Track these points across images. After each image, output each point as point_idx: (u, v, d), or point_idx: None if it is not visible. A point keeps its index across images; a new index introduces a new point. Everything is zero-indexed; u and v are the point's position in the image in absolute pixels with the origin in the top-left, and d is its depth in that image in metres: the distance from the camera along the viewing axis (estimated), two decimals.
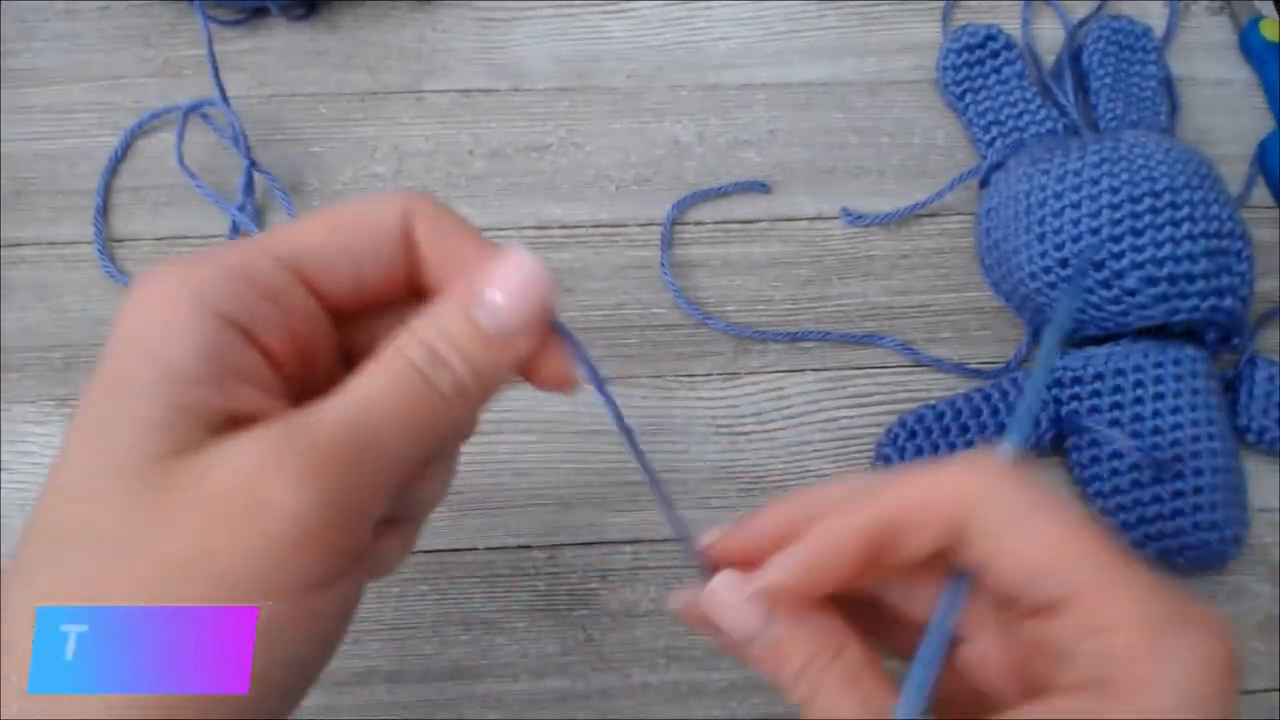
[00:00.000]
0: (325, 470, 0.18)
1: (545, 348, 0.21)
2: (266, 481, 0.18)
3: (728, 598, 0.21)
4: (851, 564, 0.20)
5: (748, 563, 0.22)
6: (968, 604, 0.21)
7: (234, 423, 0.18)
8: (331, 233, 0.20)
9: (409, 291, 0.22)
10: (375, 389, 0.19)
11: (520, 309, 0.20)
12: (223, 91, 0.38)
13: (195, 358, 0.18)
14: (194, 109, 0.39)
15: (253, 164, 0.38)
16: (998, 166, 0.40)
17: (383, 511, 0.20)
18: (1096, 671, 0.19)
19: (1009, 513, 0.20)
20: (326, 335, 0.21)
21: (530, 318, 0.20)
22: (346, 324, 0.22)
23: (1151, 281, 0.34)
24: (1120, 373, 0.36)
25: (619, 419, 0.22)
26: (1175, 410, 0.35)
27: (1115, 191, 0.35)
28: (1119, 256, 0.34)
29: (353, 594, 0.21)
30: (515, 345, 0.20)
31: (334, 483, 0.18)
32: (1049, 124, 0.40)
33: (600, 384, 0.22)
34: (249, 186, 0.38)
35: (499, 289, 0.20)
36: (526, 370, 0.21)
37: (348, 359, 0.22)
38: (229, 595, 0.17)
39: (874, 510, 0.20)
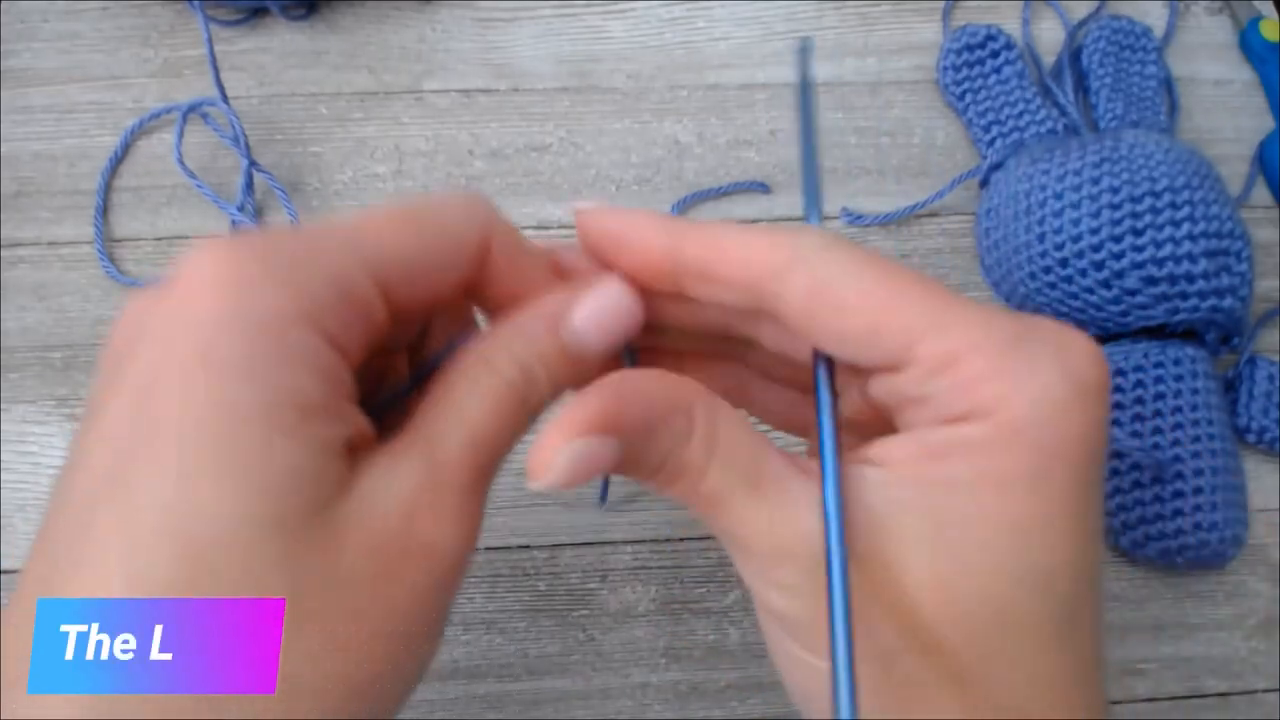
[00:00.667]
0: (468, 509, 0.18)
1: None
2: (423, 524, 0.18)
3: (587, 454, 0.19)
4: (650, 270, 0.20)
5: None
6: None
7: (349, 449, 0.18)
8: (416, 237, 0.19)
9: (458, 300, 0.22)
10: (482, 412, 0.19)
11: (606, 338, 0.20)
12: (223, 91, 0.37)
13: (323, 388, 0.17)
14: (194, 109, 0.39)
15: (252, 164, 0.38)
16: (998, 166, 0.40)
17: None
18: (950, 407, 0.18)
19: (837, 270, 0.19)
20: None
21: (613, 347, 0.20)
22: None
23: (1151, 281, 0.34)
24: (1120, 373, 0.36)
25: None
26: (1175, 410, 0.35)
27: (1115, 191, 0.35)
28: (1119, 256, 0.34)
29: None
30: (592, 369, 0.20)
31: (477, 520, 0.19)
32: (1049, 124, 0.40)
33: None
34: (249, 186, 0.38)
35: (589, 315, 0.20)
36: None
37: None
38: (401, 635, 0.18)
39: (684, 237, 0.20)
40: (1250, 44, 0.44)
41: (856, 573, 0.18)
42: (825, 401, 0.20)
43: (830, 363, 0.20)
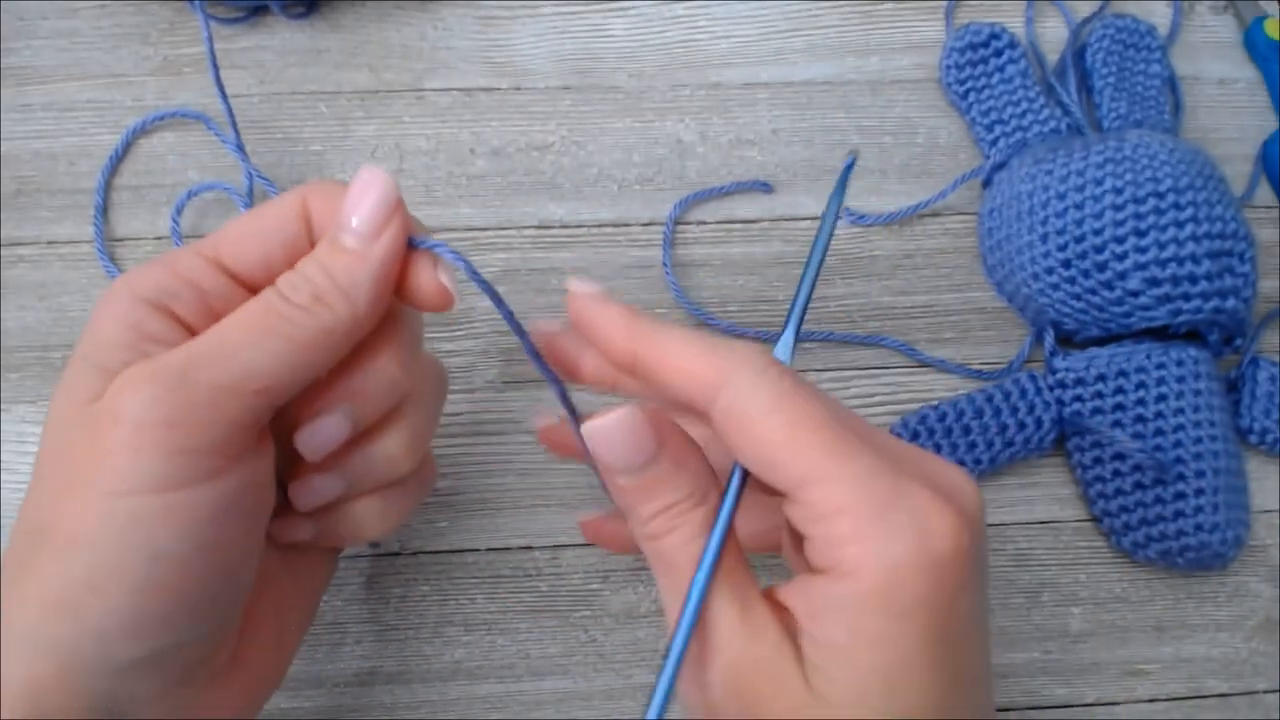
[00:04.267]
0: (164, 380, 0.21)
1: (412, 266, 0.24)
2: (119, 395, 0.21)
3: (624, 430, 0.22)
4: (616, 360, 0.24)
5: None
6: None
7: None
8: (244, 223, 0.24)
9: None
10: (235, 315, 0.23)
11: (377, 219, 0.23)
12: (222, 90, 0.37)
13: (116, 328, 0.23)
14: (194, 117, 0.38)
15: (254, 171, 0.38)
16: (1001, 166, 0.40)
17: (248, 417, 0.22)
18: (822, 556, 0.21)
19: (753, 400, 0.21)
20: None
21: (374, 218, 0.23)
22: None
23: (1154, 282, 0.34)
24: (1123, 374, 0.36)
25: (498, 302, 0.24)
26: (1178, 411, 0.35)
27: (1119, 192, 0.35)
28: (1122, 257, 0.34)
29: (229, 496, 0.22)
30: (372, 253, 0.23)
31: (172, 392, 0.21)
32: (1052, 123, 0.40)
33: (479, 277, 0.23)
34: (250, 187, 0.38)
35: (356, 209, 0.23)
36: (404, 295, 0.24)
37: None
38: (101, 499, 0.21)
39: (640, 341, 0.23)
40: (1254, 43, 0.43)
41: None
42: (730, 493, 0.23)
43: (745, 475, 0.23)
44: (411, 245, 0.24)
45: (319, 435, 0.24)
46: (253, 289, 0.24)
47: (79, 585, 0.21)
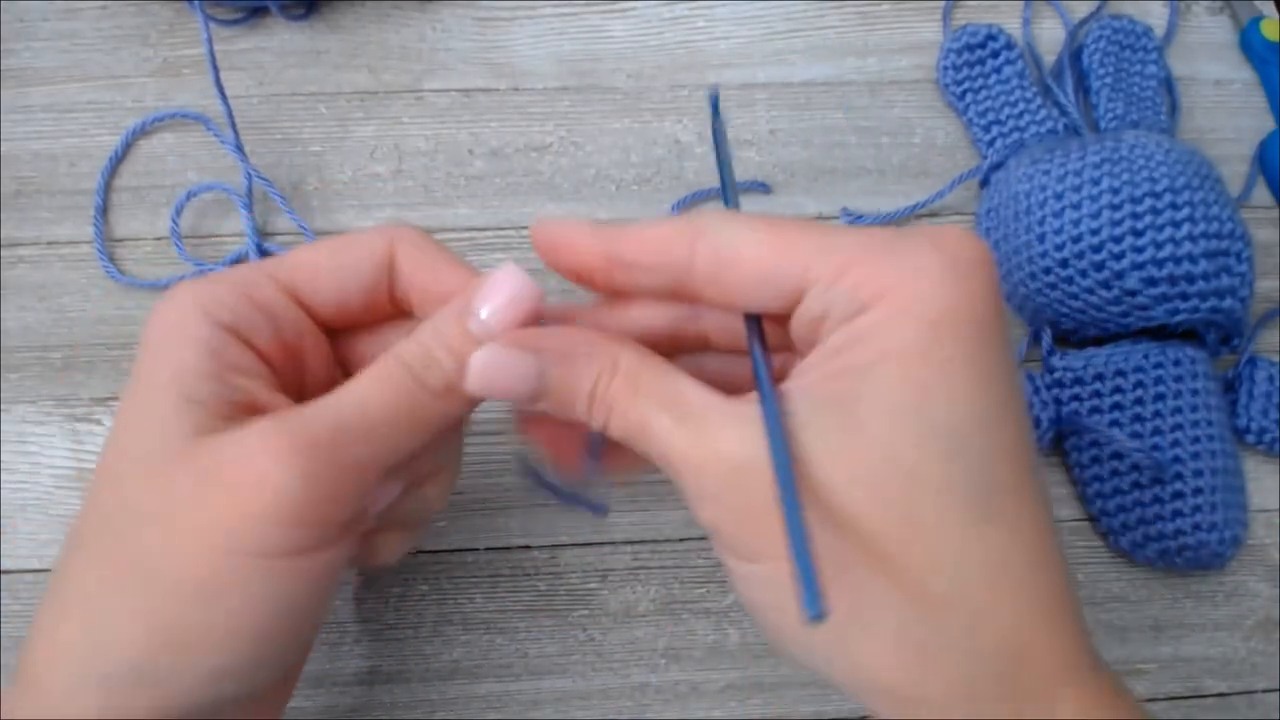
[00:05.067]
0: (308, 452, 0.21)
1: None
2: (262, 460, 0.21)
3: (495, 362, 0.22)
4: (590, 269, 0.23)
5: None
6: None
7: (242, 410, 0.22)
8: (323, 257, 0.24)
9: (397, 312, 0.26)
10: (369, 385, 0.22)
11: (506, 319, 0.23)
12: (222, 91, 0.37)
13: (199, 356, 0.22)
14: (194, 118, 0.39)
15: (254, 172, 0.38)
16: (998, 166, 0.40)
17: (372, 493, 0.23)
18: (848, 309, 0.20)
19: (732, 232, 0.21)
20: (316, 342, 0.25)
21: (515, 323, 0.23)
22: (343, 338, 0.26)
23: (1151, 282, 0.34)
24: (1120, 373, 0.36)
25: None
26: (1175, 411, 0.35)
27: (1115, 192, 0.35)
28: (1119, 257, 0.34)
29: (340, 560, 0.23)
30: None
31: (316, 464, 0.21)
32: (1049, 124, 0.40)
33: None
34: (249, 188, 0.38)
35: (489, 301, 0.23)
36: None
37: (346, 370, 0.26)
38: (229, 554, 0.21)
39: (612, 239, 0.22)
40: (1251, 44, 0.44)
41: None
42: (755, 339, 0.22)
43: (758, 320, 0.22)
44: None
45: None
46: (322, 323, 0.25)
47: (198, 629, 0.21)
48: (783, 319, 0.22)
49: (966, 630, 0.19)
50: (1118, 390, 0.35)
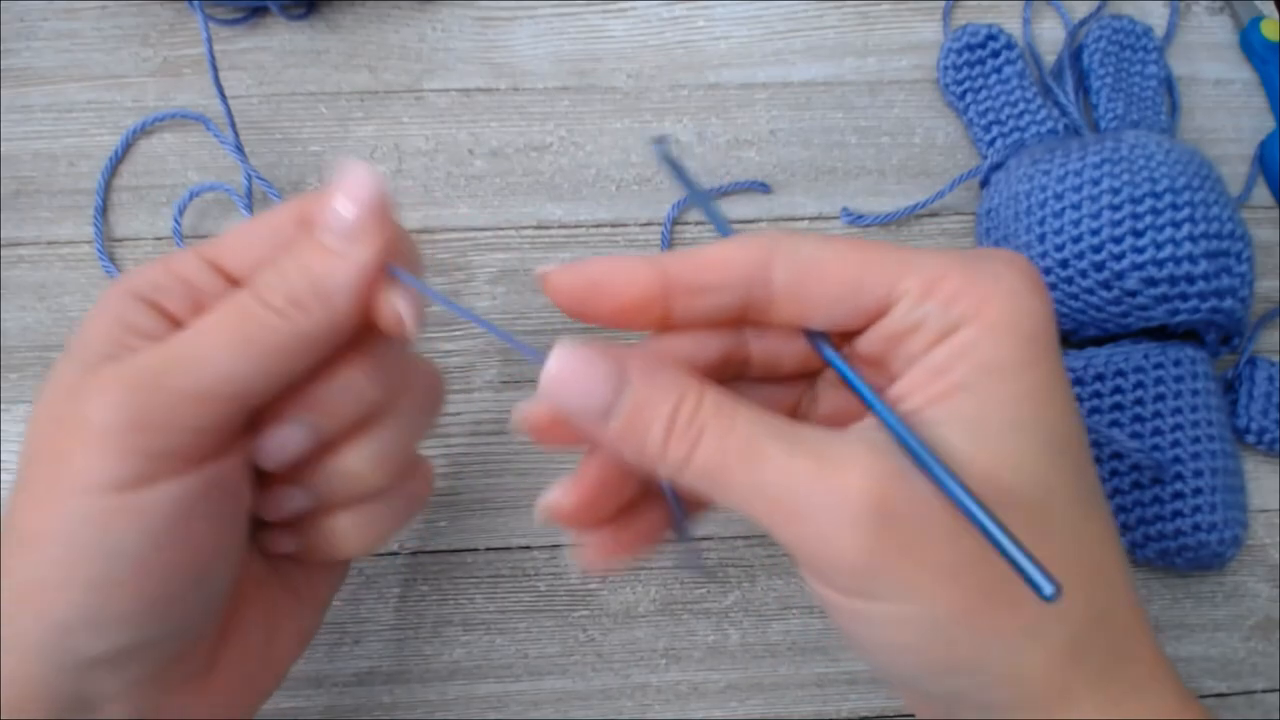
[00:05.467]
0: (131, 382, 0.21)
1: (385, 292, 0.23)
2: (89, 396, 0.21)
3: (572, 367, 0.20)
4: (641, 300, 0.21)
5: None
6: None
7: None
8: (243, 227, 0.25)
9: None
10: (210, 314, 0.23)
11: (358, 208, 0.22)
12: (222, 91, 0.37)
13: (104, 325, 0.23)
14: (194, 118, 0.39)
15: (253, 173, 0.38)
16: (998, 166, 0.40)
17: (215, 422, 0.22)
18: (941, 323, 0.21)
19: (811, 249, 0.21)
20: None
21: (360, 219, 0.23)
22: None
23: (1152, 282, 0.34)
24: (1120, 374, 0.36)
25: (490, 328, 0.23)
26: (1175, 411, 0.35)
27: (1116, 192, 0.35)
28: (1119, 257, 0.34)
29: (190, 497, 0.22)
30: (353, 256, 0.23)
31: (138, 394, 0.21)
32: (1049, 124, 0.40)
33: (448, 302, 0.23)
34: (249, 188, 0.38)
35: (340, 200, 0.23)
36: (371, 315, 0.23)
37: None
38: (56, 492, 0.21)
39: (668, 261, 0.21)
40: (1251, 44, 0.44)
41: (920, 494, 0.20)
42: (837, 362, 0.22)
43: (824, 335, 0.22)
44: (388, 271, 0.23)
45: (275, 445, 0.23)
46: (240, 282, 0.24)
47: (40, 581, 0.21)
48: (843, 336, 0.22)
49: (1104, 629, 0.21)
50: (1118, 390, 0.35)
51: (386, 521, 0.26)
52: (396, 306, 0.23)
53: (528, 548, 0.35)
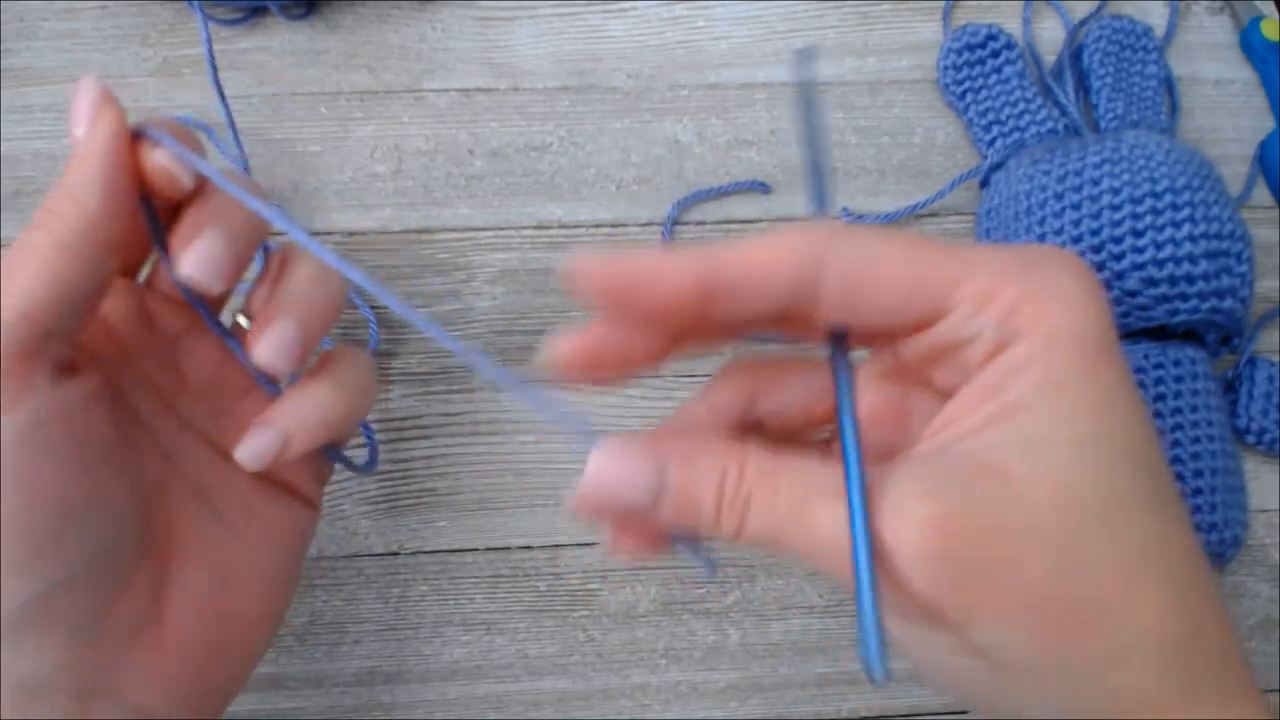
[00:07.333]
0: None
1: (142, 155, 0.24)
2: None
3: (609, 466, 0.20)
4: (679, 302, 0.20)
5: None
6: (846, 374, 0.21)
7: None
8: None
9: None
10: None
11: (78, 116, 0.23)
12: (221, 91, 0.37)
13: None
14: (194, 125, 0.39)
15: (250, 174, 0.38)
16: (998, 166, 0.40)
17: (19, 348, 0.22)
18: (998, 336, 0.20)
19: (865, 249, 0.20)
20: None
21: (83, 115, 0.23)
22: None
23: (1152, 282, 0.34)
24: None
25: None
26: (1175, 411, 0.35)
27: (1116, 192, 0.35)
28: (1119, 257, 0.34)
29: (16, 431, 0.22)
30: (86, 147, 0.23)
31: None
32: (1049, 124, 0.40)
33: (217, 173, 0.24)
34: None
35: (71, 123, 0.23)
36: (147, 189, 0.24)
37: None
38: None
39: (710, 260, 0.20)
40: (1251, 43, 0.44)
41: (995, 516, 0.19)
42: (844, 382, 0.21)
43: (844, 341, 0.21)
44: (138, 137, 0.24)
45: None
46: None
47: None
48: (871, 335, 0.21)
49: (1192, 645, 0.20)
50: None
51: (328, 408, 0.27)
52: (157, 160, 0.24)
53: (528, 548, 0.35)
